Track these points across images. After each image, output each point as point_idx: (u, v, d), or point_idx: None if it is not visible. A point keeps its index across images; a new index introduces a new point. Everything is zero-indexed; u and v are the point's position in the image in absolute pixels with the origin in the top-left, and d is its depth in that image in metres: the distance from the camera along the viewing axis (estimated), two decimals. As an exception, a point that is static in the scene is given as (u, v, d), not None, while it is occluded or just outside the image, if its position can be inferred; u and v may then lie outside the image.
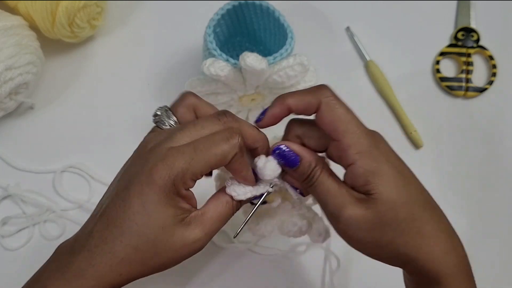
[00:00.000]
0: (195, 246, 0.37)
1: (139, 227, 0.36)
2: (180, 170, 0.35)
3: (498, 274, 0.58)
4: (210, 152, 0.36)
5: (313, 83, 0.56)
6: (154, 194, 0.35)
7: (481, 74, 0.67)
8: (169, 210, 0.36)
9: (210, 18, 0.56)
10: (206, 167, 0.36)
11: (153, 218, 0.36)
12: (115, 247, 0.36)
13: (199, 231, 0.37)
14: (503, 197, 0.61)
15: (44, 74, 0.64)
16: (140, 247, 0.36)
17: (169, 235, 0.36)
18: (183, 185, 0.36)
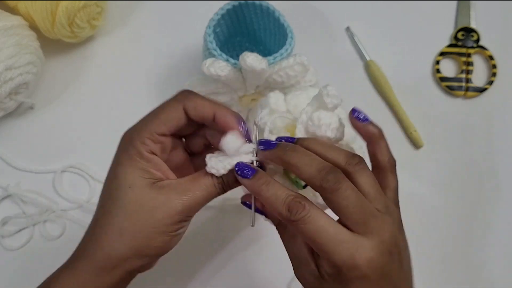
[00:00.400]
0: (169, 210, 0.37)
1: (112, 190, 0.38)
2: (134, 130, 0.39)
3: (499, 274, 0.58)
4: (159, 110, 0.39)
5: (313, 83, 0.56)
6: (120, 158, 0.39)
7: (481, 74, 0.67)
8: (135, 170, 0.38)
9: (210, 18, 0.56)
10: (158, 124, 0.38)
11: (121, 179, 0.38)
12: (97, 220, 0.38)
13: (172, 195, 0.37)
14: (503, 197, 0.61)
15: (44, 74, 0.64)
16: (111, 209, 0.37)
17: (137, 194, 0.37)
18: (142, 145, 0.38)
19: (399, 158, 0.63)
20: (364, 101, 0.65)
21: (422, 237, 0.59)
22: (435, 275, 0.58)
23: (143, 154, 0.38)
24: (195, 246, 0.57)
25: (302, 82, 0.55)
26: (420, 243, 0.59)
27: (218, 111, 0.38)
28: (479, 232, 0.60)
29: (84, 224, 0.58)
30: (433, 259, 0.59)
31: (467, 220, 0.60)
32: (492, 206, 0.61)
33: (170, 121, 0.38)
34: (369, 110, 0.64)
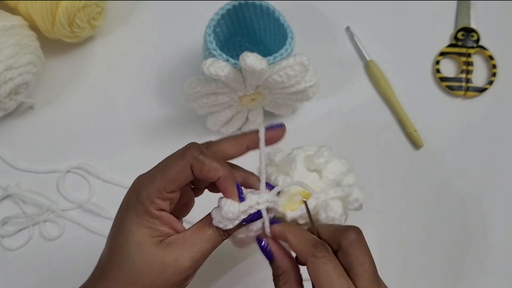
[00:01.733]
0: (178, 268, 0.38)
1: (120, 247, 0.38)
2: (144, 190, 0.38)
3: (499, 274, 0.58)
4: (168, 168, 0.38)
5: (313, 83, 0.56)
6: (129, 214, 0.39)
7: (481, 74, 0.67)
8: (143, 229, 0.38)
9: (210, 18, 0.56)
10: (167, 182, 0.38)
11: (130, 237, 0.38)
12: (105, 270, 0.39)
13: (179, 252, 0.38)
14: (503, 197, 0.61)
15: (44, 74, 0.64)
16: (123, 266, 0.38)
17: (146, 254, 0.38)
18: (152, 204, 0.38)
19: (399, 158, 0.63)
20: (364, 101, 0.65)
21: (422, 237, 0.59)
22: (436, 275, 0.58)
23: (151, 213, 0.38)
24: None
25: (302, 82, 0.55)
26: (420, 243, 0.59)
27: (222, 177, 0.39)
28: (480, 231, 0.60)
29: (84, 224, 0.58)
30: (433, 259, 0.59)
31: (467, 220, 0.60)
32: (493, 205, 0.61)
33: (178, 181, 0.38)
34: (369, 110, 0.65)
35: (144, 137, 0.63)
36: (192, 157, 0.38)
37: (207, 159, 0.38)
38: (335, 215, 0.41)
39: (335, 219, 0.41)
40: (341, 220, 0.41)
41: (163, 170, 0.39)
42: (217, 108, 0.58)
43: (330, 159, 0.43)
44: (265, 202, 0.40)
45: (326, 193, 0.42)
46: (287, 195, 0.42)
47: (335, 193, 0.42)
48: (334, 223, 0.41)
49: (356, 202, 0.41)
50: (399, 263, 0.58)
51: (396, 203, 0.61)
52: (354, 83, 0.67)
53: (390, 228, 0.60)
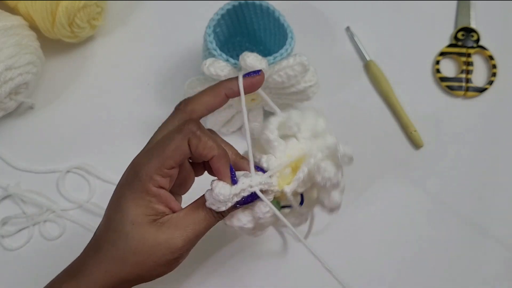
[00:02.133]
0: (170, 247, 0.38)
1: (116, 223, 0.39)
2: (143, 167, 0.39)
3: (498, 274, 0.58)
4: (166, 144, 0.39)
5: (313, 83, 0.56)
6: (125, 191, 0.39)
7: (481, 74, 0.67)
8: (139, 208, 0.38)
9: (210, 18, 0.56)
10: (166, 159, 0.38)
11: (125, 214, 0.39)
12: (100, 244, 0.39)
13: (172, 232, 0.39)
14: (503, 197, 0.61)
15: (44, 74, 0.64)
16: (117, 242, 0.39)
17: (140, 232, 0.38)
18: (151, 181, 0.38)
19: (399, 158, 0.63)
20: (364, 101, 0.65)
21: (422, 237, 0.59)
22: (436, 275, 0.58)
23: (149, 190, 0.38)
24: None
25: (302, 82, 0.55)
26: (420, 243, 0.59)
27: (216, 157, 0.39)
28: (480, 231, 0.60)
29: (84, 224, 0.58)
30: (433, 259, 0.59)
31: (468, 220, 0.60)
32: (493, 205, 0.61)
33: (177, 156, 0.38)
34: (369, 110, 0.65)
35: (144, 137, 0.62)
36: (189, 131, 0.38)
37: (204, 135, 0.39)
38: (330, 175, 0.41)
39: (331, 178, 0.41)
40: (338, 177, 0.41)
41: (161, 146, 0.39)
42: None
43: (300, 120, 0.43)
44: (258, 184, 0.40)
45: (315, 156, 0.41)
46: (277, 173, 0.42)
47: (322, 154, 0.42)
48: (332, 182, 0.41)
49: (346, 157, 0.41)
50: (399, 263, 0.58)
51: (396, 203, 0.61)
52: (354, 83, 0.67)
53: (390, 228, 0.60)
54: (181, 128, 0.39)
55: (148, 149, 0.40)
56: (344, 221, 0.59)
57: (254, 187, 0.40)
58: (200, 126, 0.39)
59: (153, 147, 0.40)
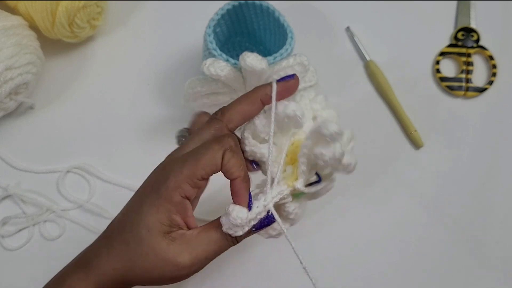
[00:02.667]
0: (178, 264, 0.38)
1: (132, 224, 0.38)
2: (173, 173, 0.38)
3: (499, 272, 0.58)
4: (201, 153, 0.38)
5: (313, 83, 0.56)
6: (151, 196, 0.38)
7: (481, 74, 0.67)
8: (157, 213, 0.38)
9: (210, 18, 0.56)
10: (199, 168, 0.37)
11: (143, 218, 0.38)
12: (113, 241, 0.39)
13: (183, 249, 0.38)
14: (503, 197, 0.61)
15: (44, 74, 0.64)
16: (130, 244, 0.38)
17: (153, 241, 0.38)
18: (177, 189, 0.37)
19: (399, 158, 0.63)
20: (364, 101, 0.65)
21: (422, 237, 0.60)
22: (436, 275, 0.58)
23: (172, 199, 0.38)
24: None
25: (302, 82, 0.55)
26: (420, 243, 0.59)
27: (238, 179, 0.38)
28: (480, 231, 0.60)
29: (84, 224, 0.58)
30: (433, 259, 0.59)
31: (468, 220, 0.60)
32: (493, 205, 0.61)
33: (210, 168, 0.38)
34: (369, 110, 0.65)
35: (144, 137, 0.63)
36: (228, 144, 0.38)
37: (239, 153, 0.38)
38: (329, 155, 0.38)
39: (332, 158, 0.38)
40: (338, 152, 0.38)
41: (196, 154, 0.38)
42: (217, 108, 0.57)
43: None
44: (271, 200, 0.38)
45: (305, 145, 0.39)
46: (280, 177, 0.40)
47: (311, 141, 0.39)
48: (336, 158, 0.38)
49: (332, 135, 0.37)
50: (399, 263, 0.58)
51: (396, 203, 0.61)
52: (354, 83, 0.67)
53: (390, 228, 0.60)
54: (220, 140, 0.38)
55: (182, 156, 0.39)
56: (343, 221, 0.59)
57: (269, 205, 0.38)
58: (237, 143, 0.38)
59: (188, 154, 0.38)
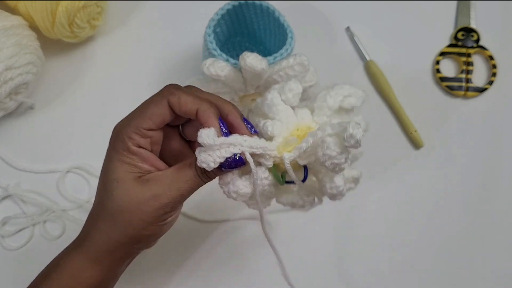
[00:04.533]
0: (155, 204, 0.38)
1: (104, 184, 0.40)
2: (122, 125, 0.40)
3: (498, 275, 0.58)
4: (145, 105, 0.40)
5: (313, 83, 0.56)
6: (110, 152, 0.40)
7: (481, 74, 0.67)
8: (122, 165, 0.39)
9: (210, 18, 0.56)
10: (144, 118, 0.39)
11: (109, 172, 0.39)
12: (94, 208, 0.41)
13: (157, 188, 0.39)
14: (503, 197, 0.61)
15: (44, 74, 0.64)
16: (105, 202, 0.39)
17: (124, 189, 0.39)
18: (129, 140, 0.39)
19: (399, 158, 0.63)
20: (364, 101, 0.65)
21: (422, 237, 0.60)
22: (433, 275, 0.58)
23: (129, 148, 0.39)
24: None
25: (302, 82, 0.55)
26: (420, 243, 0.59)
27: (200, 107, 0.39)
28: (480, 231, 0.60)
29: (84, 224, 0.58)
30: (433, 259, 0.59)
31: (468, 220, 0.60)
32: (493, 205, 0.61)
33: (156, 117, 0.39)
34: (369, 110, 0.65)
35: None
36: (168, 92, 0.39)
37: (183, 93, 0.39)
38: (331, 153, 0.38)
39: (332, 157, 0.38)
40: (340, 160, 0.38)
41: (140, 108, 0.40)
42: (217, 108, 0.57)
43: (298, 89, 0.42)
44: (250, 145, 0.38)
45: (323, 129, 0.39)
46: (280, 138, 0.40)
47: (332, 130, 0.38)
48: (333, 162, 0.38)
49: (351, 139, 0.37)
50: (399, 263, 0.58)
51: (396, 203, 0.61)
52: (354, 83, 0.66)
53: (390, 227, 0.60)
54: (161, 90, 0.40)
55: (129, 114, 0.41)
56: (344, 220, 0.59)
57: (244, 146, 0.38)
58: (178, 87, 0.40)
59: (134, 110, 0.41)
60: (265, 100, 0.42)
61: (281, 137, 0.41)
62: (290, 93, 0.42)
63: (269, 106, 0.42)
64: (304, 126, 0.42)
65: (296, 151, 0.40)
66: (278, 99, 0.42)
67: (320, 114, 0.42)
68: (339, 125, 0.38)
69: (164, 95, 0.39)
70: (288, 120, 0.41)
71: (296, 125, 0.41)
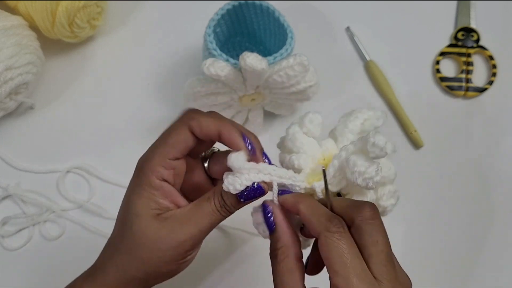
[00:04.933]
0: (172, 242, 0.37)
1: (123, 217, 0.39)
2: (145, 158, 0.39)
3: (498, 275, 0.58)
4: (166, 134, 0.39)
5: (313, 83, 0.56)
6: (133, 184, 0.39)
7: (481, 74, 0.67)
8: (143, 200, 0.38)
9: (210, 18, 0.56)
10: (168, 148, 0.38)
11: (130, 205, 0.39)
12: (112, 240, 0.40)
13: (175, 226, 0.38)
14: (503, 197, 0.61)
15: (44, 74, 0.64)
16: (123, 235, 0.39)
17: (143, 224, 0.38)
18: (153, 173, 0.38)
19: (399, 158, 0.63)
20: (364, 101, 0.65)
21: (422, 237, 0.59)
22: (434, 275, 0.58)
23: (152, 183, 0.38)
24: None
25: (302, 82, 0.55)
26: (420, 243, 0.59)
27: (222, 129, 0.38)
28: (480, 231, 0.60)
29: (84, 224, 0.58)
30: (433, 259, 0.59)
31: (468, 220, 0.60)
32: (493, 205, 0.61)
33: (179, 144, 0.38)
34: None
35: (144, 137, 0.63)
36: (188, 117, 0.38)
37: (203, 116, 0.38)
38: (360, 169, 0.36)
39: (362, 173, 0.36)
40: (370, 173, 0.36)
41: (163, 138, 0.39)
42: (217, 108, 0.58)
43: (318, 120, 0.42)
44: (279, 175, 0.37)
45: (346, 149, 0.38)
46: (307, 169, 0.40)
47: (354, 147, 0.38)
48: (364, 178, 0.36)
49: (375, 148, 0.36)
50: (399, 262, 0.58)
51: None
52: (354, 83, 0.67)
53: (391, 228, 0.60)
54: (180, 117, 0.39)
55: (152, 145, 0.40)
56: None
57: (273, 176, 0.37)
58: (197, 111, 0.39)
59: (156, 141, 0.40)
60: (287, 136, 0.42)
61: (308, 168, 0.40)
62: (311, 125, 0.42)
63: (291, 141, 0.42)
64: (330, 155, 0.41)
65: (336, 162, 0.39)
66: (299, 133, 0.42)
67: (343, 140, 0.42)
68: (360, 140, 0.38)
69: (184, 121, 0.38)
70: (313, 151, 0.41)
71: (322, 155, 0.41)
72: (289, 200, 0.37)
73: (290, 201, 0.37)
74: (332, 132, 0.44)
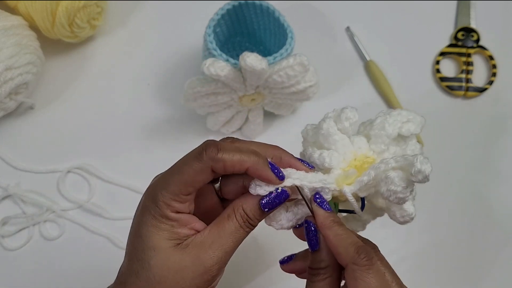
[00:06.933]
0: (198, 269, 0.36)
1: (137, 252, 0.36)
2: (160, 193, 0.36)
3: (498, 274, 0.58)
4: (183, 171, 0.36)
5: (313, 83, 0.56)
6: (144, 215, 0.36)
7: (481, 74, 0.67)
8: (160, 232, 0.36)
9: (210, 18, 0.56)
10: (183, 185, 0.36)
11: (146, 241, 0.36)
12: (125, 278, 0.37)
13: (198, 252, 0.36)
14: (503, 197, 0.61)
15: (44, 74, 0.64)
16: (140, 272, 0.36)
17: (163, 258, 0.36)
18: (168, 207, 0.36)
19: (399, 158, 0.63)
20: (364, 101, 0.65)
21: (422, 237, 0.59)
22: (434, 275, 0.58)
23: (168, 216, 0.36)
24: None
25: (302, 82, 0.55)
26: (420, 242, 0.59)
27: (249, 165, 0.36)
28: (480, 231, 0.60)
29: (84, 224, 0.58)
30: (433, 260, 0.59)
31: (468, 220, 0.60)
32: (493, 205, 0.61)
33: (198, 183, 0.36)
34: (369, 110, 0.65)
35: (144, 137, 0.63)
36: (210, 158, 0.35)
37: (227, 155, 0.35)
38: (396, 188, 0.36)
39: (397, 193, 0.36)
40: (405, 194, 0.36)
41: (179, 173, 0.36)
42: (217, 108, 0.58)
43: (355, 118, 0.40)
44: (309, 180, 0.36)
45: (387, 163, 0.37)
46: (338, 170, 0.38)
47: (396, 163, 0.36)
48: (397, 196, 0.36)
49: (420, 174, 0.35)
50: (399, 262, 0.58)
51: (396, 203, 0.61)
52: (354, 83, 0.67)
53: (390, 227, 0.60)
54: (200, 155, 0.36)
55: (166, 174, 0.37)
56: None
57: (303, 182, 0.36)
58: (219, 148, 0.36)
59: (170, 171, 0.37)
60: (320, 130, 0.40)
61: (339, 168, 0.39)
62: (347, 122, 0.40)
63: (324, 136, 0.40)
64: (362, 155, 0.40)
65: (357, 184, 0.37)
66: (334, 128, 0.40)
67: (377, 142, 0.40)
68: (404, 158, 0.37)
69: (205, 162, 0.35)
70: (345, 150, 0.39)
71: (353, 155, 0.40)
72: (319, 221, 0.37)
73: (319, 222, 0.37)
74: (364, 128, 0.42)
